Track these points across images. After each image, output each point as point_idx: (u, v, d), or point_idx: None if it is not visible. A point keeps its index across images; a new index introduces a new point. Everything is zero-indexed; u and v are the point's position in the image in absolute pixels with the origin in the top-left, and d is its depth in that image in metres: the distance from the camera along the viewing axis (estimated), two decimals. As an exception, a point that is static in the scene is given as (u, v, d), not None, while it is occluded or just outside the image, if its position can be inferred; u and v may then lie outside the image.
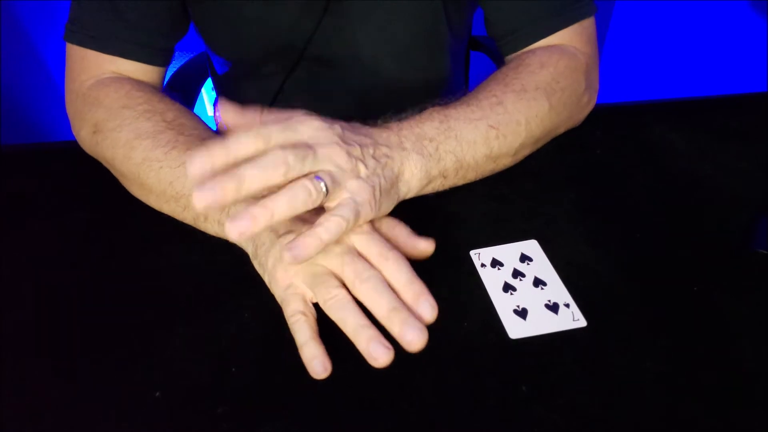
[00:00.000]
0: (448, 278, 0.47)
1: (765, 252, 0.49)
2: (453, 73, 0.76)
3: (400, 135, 0.48)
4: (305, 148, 0.40)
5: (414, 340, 0.37)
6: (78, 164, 0.59)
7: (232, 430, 0.38)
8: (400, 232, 0.45)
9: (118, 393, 0.40)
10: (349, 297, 0.41)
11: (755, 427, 0.38)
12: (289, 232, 0.43)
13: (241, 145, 0.38)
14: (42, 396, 0.40)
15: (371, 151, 0.45)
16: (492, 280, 0.47)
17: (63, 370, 0.42)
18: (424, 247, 0.45)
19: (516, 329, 0.43)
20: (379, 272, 0.41)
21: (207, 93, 1.66)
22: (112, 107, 0.55)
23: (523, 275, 0.47)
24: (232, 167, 0.37)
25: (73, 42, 0.59)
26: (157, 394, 0.40)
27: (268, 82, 0.69)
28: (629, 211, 0.55)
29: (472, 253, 0.49)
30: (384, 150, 0.46)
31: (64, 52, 0.61)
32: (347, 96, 0.70)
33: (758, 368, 0.41)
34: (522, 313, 0.44)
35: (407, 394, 0.40)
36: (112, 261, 0.50)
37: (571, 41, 0.61)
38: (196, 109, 0.89)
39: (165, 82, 0.69)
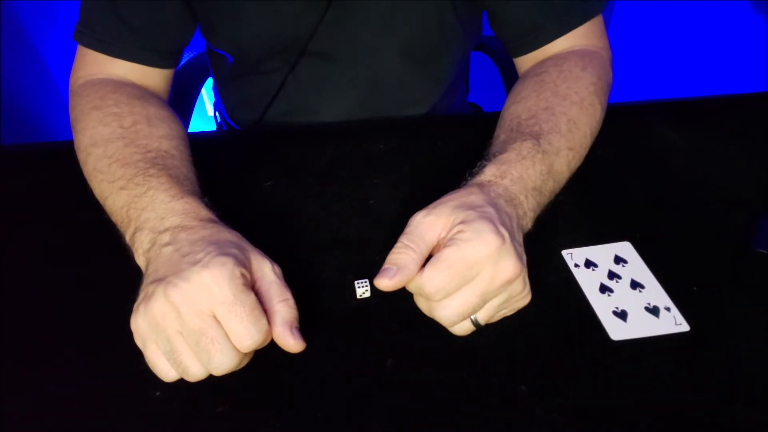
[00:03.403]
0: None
1: (765, 252, 0.49)
2: (456, 68, 0.76)
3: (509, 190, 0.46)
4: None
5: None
6: (78, 164, 0.59)
7: (232, 430, 0.38)
8: (279, 314, 0.39)
9: (118, 393, 0.40)
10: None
11: (755, 427, 0.38)
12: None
13: None
14: (42, 396, 0.40)
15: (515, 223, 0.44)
16: (587, 281, 0.47)
17: (63, 369, 0.42)
18: (291, 345, 0.39)
19: (618, 331, 0.43)
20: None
21: (207, 93, 1.66)
22: (85, 108, 0.55)
23: (619, 277, 0.47)
24: None
25: (80, 42, 0.61)
26: (157, 393, 0.40)
27: (270, 78, 0.69)
28: (629, 211, 0.55)
29: (564, 252, 0.50)
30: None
31: (64, 52, 0.62)
32: (348, 91, 0.70)
33: (758, 368, 0.41)
34: (622, 315, 0.44)
35: (407, 393, 0.40)
36: (112, 261, 0.50)
37: (587, 37, 0.62)
38: (196, 110, 0.89)
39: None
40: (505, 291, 0.40)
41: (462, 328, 0.41)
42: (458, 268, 0.38)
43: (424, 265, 0.40)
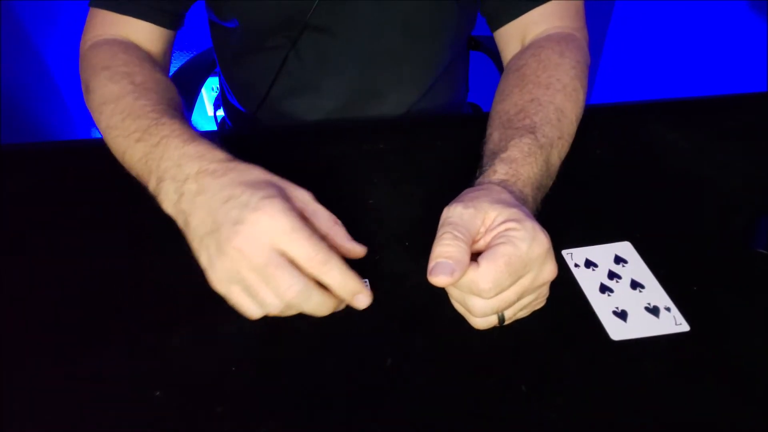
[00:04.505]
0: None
1: (765, 252, 0.49)
2: (454, 49, 0.76)
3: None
4: None
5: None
6: (78, 164, 0.59)
7: (232, 430, 0.38)
8: (337, 232, 0.42)
9: (118, 393, 0.40)
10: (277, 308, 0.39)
11: (755, 427, 0.38)
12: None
13: None
14: (42, 396, 0.40)
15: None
16: (587, 281, 0.47)
17: (63, 369, 0.42)
18: (358, 251, 0.43)
19: (618, 331, 0.43)
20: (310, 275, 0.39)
21: (207, 93, 1.66)
22: (96, 68, 0.56)
23: (619, 277, 0.47)
24: None
25: (92, 5, 0.61)
26: (157, 393, 0.40)
27: (273, 55, 0.70)
28: (629, 211, 0.55)
29: (564, 252, 0.50)
30: None
31: (64, 52, 0.62)
32: (348, 66, 0.71)
33: (758, 368, 0.41)
34: (622, 315, 0.44)
35: (407, 394, 0.40)
36: (112, 261, 0.50)
37: (562, 18, 0.62)
38: (196, 109, 0.89)
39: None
40: (536, 291, 0.40)
41: (486, 322, 0.41)
42: (515, 266, 0.38)
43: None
